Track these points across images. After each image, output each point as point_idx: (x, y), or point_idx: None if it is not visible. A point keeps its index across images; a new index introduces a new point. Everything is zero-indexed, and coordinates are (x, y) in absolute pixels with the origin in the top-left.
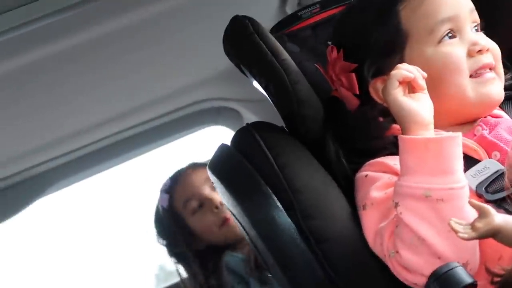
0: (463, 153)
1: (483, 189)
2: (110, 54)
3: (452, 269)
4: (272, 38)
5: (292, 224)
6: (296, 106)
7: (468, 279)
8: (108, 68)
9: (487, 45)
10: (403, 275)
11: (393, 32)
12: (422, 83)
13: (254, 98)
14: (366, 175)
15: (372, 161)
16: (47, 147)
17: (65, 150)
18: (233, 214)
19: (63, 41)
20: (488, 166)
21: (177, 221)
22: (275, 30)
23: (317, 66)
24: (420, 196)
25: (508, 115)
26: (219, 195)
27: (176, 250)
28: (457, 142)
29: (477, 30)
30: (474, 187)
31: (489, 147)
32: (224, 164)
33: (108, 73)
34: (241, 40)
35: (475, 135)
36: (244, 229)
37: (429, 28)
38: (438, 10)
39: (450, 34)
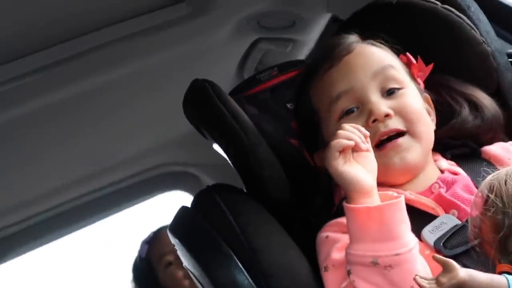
0: (422, 210)
1: (441, 244)
2: (69, 119)
3: None
4: (231, 101)
5: (253, 285)
6: (256, 168)
7: None
8: (66, 134)
9: (384, 111)
10: None
11: (307, 111)
12: (364, 146)
13: (212, 163)
14: (327, 236)
15: (331, 221)
16: (3, 214)
17: (23, 216)
18: (194, 276)
19: (20, 107)
20: (445, 222)
21: (150, 273)
22: (234, 92)
23: (291, 141)
24: (368, 263)
25: (466, 172)
26: (180, 257)
27: None
28: (398, 207)
29: (392, 93)
30: (432, 243)
31: (447, 206)
32: (185, 226)
33: (67, 138)
34: (201, 103)
35: (432, 192)
36: None
37: (327, 107)
38: (331, 87)
39: (349, 109)
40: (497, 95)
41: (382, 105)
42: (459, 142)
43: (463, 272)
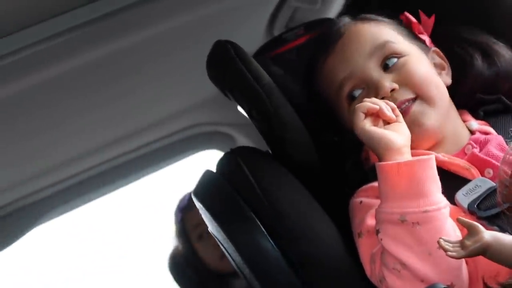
0: (456, 174)
1: (475, 206)
2: (101, 81)
3: None
4: (254, 62)
5: (276, 249)
6: (278, 131)
7: None
8: (99, 96)
9: (389, 87)
10: None
11: (321, 103)
12: (391, 114)
13: (246, 122)
14: (361, 202)
15: (365, 186)
16: (38, 176)
17: (56, 179)
18: (218, 240)
19: (52, 69)
20: (480, 185)
21: (184, 240)
22: (259, 52)
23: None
24: (396, 221)
25: (497, 131)
26: (205, 221)
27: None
28: (429, 165)
29: (393, 64)
30: (466, 206)
31: (482, 165)
32: (208, 190)
33: (99, 100)
34: (223, 65)
35: (465, 153)
36: (229, 255)
37: (335, 95)
38: (332, 76)
39: (355, 92)
40: None
41: (386, 81)
42: (492, 98)
43: (488, 235)
